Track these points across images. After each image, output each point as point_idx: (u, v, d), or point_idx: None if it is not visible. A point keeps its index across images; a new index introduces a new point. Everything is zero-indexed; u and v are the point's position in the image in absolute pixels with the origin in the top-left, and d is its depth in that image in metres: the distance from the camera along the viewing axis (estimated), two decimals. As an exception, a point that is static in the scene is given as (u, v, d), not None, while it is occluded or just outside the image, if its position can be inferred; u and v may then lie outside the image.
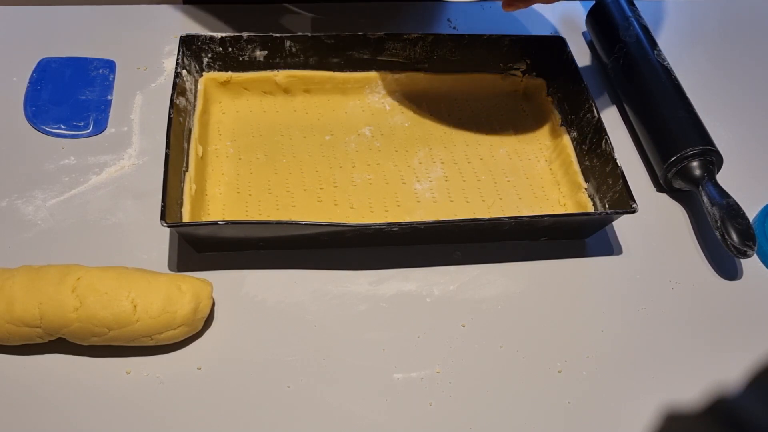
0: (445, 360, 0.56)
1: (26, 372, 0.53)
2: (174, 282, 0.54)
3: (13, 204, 0.63)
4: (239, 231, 0.58)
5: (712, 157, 0.67)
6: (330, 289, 0.60)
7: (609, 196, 0.63)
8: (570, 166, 0.68)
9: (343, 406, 0.53)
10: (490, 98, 0.75)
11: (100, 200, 0.64)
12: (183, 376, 0.54)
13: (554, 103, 0.73)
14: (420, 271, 0.62)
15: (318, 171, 0.67)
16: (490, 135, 0.72)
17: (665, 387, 0.56)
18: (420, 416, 0.53)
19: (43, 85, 0.73)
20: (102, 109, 0.71)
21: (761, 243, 0.65)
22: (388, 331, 0.58)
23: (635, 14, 0.81)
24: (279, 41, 0.71)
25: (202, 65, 0.71)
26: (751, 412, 0.56)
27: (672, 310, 0.61)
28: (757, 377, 0.58)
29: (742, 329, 0.61)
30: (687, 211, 0.69)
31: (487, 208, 0.66)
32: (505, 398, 0.55)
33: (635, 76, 0.75)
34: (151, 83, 0.74)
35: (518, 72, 0.75)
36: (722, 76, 0.84)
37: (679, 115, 0.70)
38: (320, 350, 0.56)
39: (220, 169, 0.66)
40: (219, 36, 0.69)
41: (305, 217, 0.63)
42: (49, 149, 0.67)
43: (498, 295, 0.61)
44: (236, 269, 0.60)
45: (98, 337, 0.52)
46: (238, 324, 0.57)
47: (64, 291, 0.52)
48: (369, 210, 0.65)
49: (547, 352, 0.58)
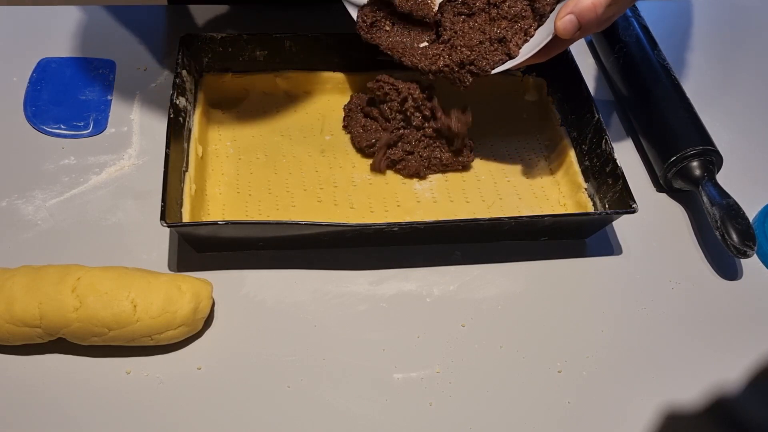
0: (445, 360, 0.56)
1: (26, 372, 0.53)
2: (174, 282, 0.54)
3: (13, 204, 0.63)
4: (239, 231, 0.58)
5: (712, 157, 0.67)
6: (330, 289, 0.60)
7: (609, 196, 0.63)
8: (570, 166, 0.68)
9: (343, 406, 0.53)
10: (490, 98, 0.75)
11: (100, 200, 0.64)
12: (183, 376, 0.54)
13: (554, 103, 0.73)
14: (420, 271, 0.62)
15: (318, 171, 0.67)
16: (490, 135, 0.72)
17: (665, 387, 0.56)
18: (420, 416, 0.53)
19: (43, 85, 0.73)
20: (102, 109, 0.71)
21: (761, 243, 0.65)
22: (388, 331, 0.58)
23: (635, 14, 0.81)
24: (279, 41, 0.71)
25: (202, 65, 0.71)
26: (751, 412, 0.56)
27: (672, 310, 0.61)
28: (757, 377, 0.58)
29: (742, 329, 0.61)
30: (687, 211, 0.69)
31: (487, 208, 0.66)
32: (505, 398, 0.55)
33: (635, 76, 0.75)
34: (151, 83, 0.74)
35: (518, 72, 0.75)
36: (722, 76, 0.84)
37: (679, 115, 0.70)
38: (320, 350, 0.56)
39: (220, 169, 0.66)
40: (219, 36, 0.70)
41: (305, 217, 0.63)
42: (49, 149, 0.67)
43: (498, 295, 0.61)
44: (236, 269, 0.60)
45: (98, 337, 0.52)
46: (238, 324, 0.57)
47: (64, 291, 0.52)
48: (369, 210, 0.65)
49: (547, 352, 0.58)
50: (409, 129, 0.67)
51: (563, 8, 0.55)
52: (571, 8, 0.55)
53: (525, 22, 0.63)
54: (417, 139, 0.67)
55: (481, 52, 0.62)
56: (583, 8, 0.54)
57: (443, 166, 0.67)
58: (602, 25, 0.57)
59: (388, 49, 0.65)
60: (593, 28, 0.56)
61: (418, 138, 0.67)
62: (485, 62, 0.62)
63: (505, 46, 0.62)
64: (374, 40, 0.65)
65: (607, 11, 0.55)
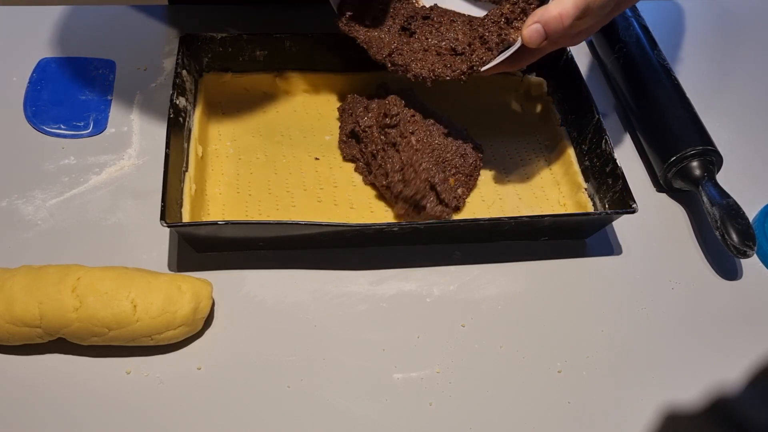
0: (445, 360, 0.56)
1: (26, 372, 0.53)
2: (174, 282, 0.54)
3: (13, 204, 0.63)
4: (239, 231, 0.58)
5: (712, 157, 0.67)
6: (330, 289, 0.60)
7: (609, 196, 0.63)
8: (570, 166, 0.68)
9: (343, 406, 0.53)
10: (490, 98, 0.75)
11: (100, 200, 0.64)
12: (183, 376, 0.54)
13: (554, 103, 0.73)
14: (420, 271, 0.62)
15: (318, 171, 0.67)
16: (490, 135, 0.72)
17: (665, 387, 0.56)
18: (420, 416, 0.53)
19: (43, 85, 0.73)
20: (102, 109, 0.71)
21: (761, 243, 0.65)
22: (388, 331, 0.58)
23: (635, 14, 0.81)
24: (279, 41, 0.71)
25: (202, 65, 0.71)
26: (751, 412, 0.56)
27: (672, 310, 0.61)
28: (757, 377, 0.58)
29: (742, 329, 0.61)
30: (687, 211, 0.69)
31: (487, 208, 0.66)
32: (505, 398, 0.55)
33: (635, 76, 0.75)
34: (151, 83, 0.74)
35: (518, 72, 0.75)
36: (722, 76, 0.84)
37: (679, 115, 0.70)
38: (320, 350, 0.56)
39: (220, 169, 0.66)
40: (219, 36, 0.70)
41: (305, 217, 0.63)
42: (49, 149, 0.67)
43: (498, 295, 0.61)
44: (236, 269, 0.60)
45: (98, 337, 0.52)
46: (238, 324, 0.57)
47: (64, 291, 0.52)
48: (369, 210, 0.65)
49: (547, 352, 0.58)
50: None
51: (531, 16, 0.54)
52: (538, 17, 0.53)
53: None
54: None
55: (443, 61, 0.62)
56: (550, 18, 0.52)
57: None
58: (575, 39, 0.56)
59: (364, 44, 0.64)
60: (564, 40, 0.55)
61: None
62: (447, 70, 0.61)
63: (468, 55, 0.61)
64: (351, 33, 0.65)
65: (578, 24, 0.53)
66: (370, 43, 0.64)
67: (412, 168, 0.61)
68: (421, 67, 0.62)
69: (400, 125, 0.64)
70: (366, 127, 0.66)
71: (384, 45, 0.64)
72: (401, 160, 0.62)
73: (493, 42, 0.60)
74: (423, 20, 0.65)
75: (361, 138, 0.66)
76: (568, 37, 0.55)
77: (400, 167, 0.62)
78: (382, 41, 0.64)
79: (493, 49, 0.60)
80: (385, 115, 0.64)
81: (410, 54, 0.63)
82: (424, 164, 0.62)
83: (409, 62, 0.63)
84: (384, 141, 0.64)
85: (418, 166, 0.61)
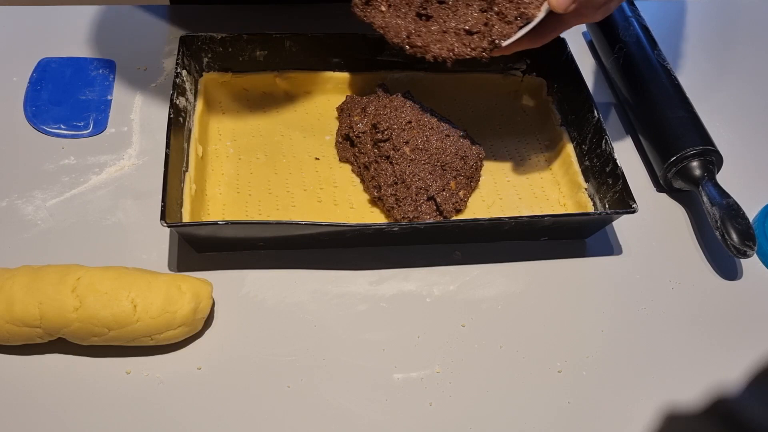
0: (445, 360, 0.56)
1: (26, 372, 0.53)
2: (174, 282, 0.54)
3: (13, 204, 0.63)
4: (239, 231, 0.58)
5: (712, 157, 0.67)
6: (330, 289, 0.60)
7: (609, 196, 0.63)
8: (570, 166, 0.68)
9: (343, 406, 0.53)
10: (490, 98, 0.75)
11: (100, 200, 0.64)
12: (183, 376, 0.54)
13: (554, 103, 0.73)
14: (420, 271, 0.62)
15: (318, 171, 0.67)
16: (490, 135, 0.72)
17: (665, 387, 0.56)
18: (420, 416, 0.53)
19: (43, 85, 0.73)
20: (102, 109, 0.71)
21: (761, 243, 0.65)
22: (388, 331, 0.58)
23: (635, 14, 0.81)
24: (279, 41, 0.71)
25: (202, 65, 0.71)
26: (751, 412, 0.56)
27: (672, 310, 0.61)
28: (757, 377, 0.58)
29: (742, 329, 0.61)
30: (687, 211, 0.69)
31: (487, 208, 0.66)
32: (505, 398, 0.55)
33: (635, 76, 0.75)
34: (151, 83, 0.74)
35: (518, 72, 0.75)
36: (722, 76, 0.84)
37: (679, 115, 0.70)
38: (320, 350, 0.56)
39: (220, 169, 0.66)
40: (219, 36, 0.70)
41: (305, 217, 0.63)
42: (49, 149, 0.67)
43: (498, 295, 0.61)
44: (236, 269, 0.60)
45: (98, 337, 0.52)
46: (238, 324, 0.57)
47: (64, 291, 0.52)
48: (369, 210, 0.65)
49: (547, 352, 0.58)
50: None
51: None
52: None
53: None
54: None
55: (462, 41, 0.61)
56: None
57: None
58: (601, 9, 0.55)
59: (381, 29, 0.64)
60: (590, 11, 0.54)
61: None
62: (467, 49, 0.60)
63: (488, 32, 0.60)
64: (367, 18, 0.64)
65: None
66: (387, 28, 0.63)
67: (404, 185, 0.62)
68: (440, 47, 0.61)
69: (393, 138, 0.63)
70: (360, 132, 0.66)
71: (401, 28, 0.63)
72: (394, 174, 0.62)
73: (511, 15, 0.59)
74: (439, 4, 0.64)
75: (355, 143, 0.66)
76: (594, 6, 0.54)
77: (393, 181, 0.63)
78: (400, 25, 0.63)
79: (512, 22, 0.59)
80: (375, 128, 0.64)
81: (429, 35, 0.62)
82: (420, 174, 0.62)
83: (428, 43, 0.61)
84: (377, 154, 0.64)
85: (411, 181, 0.62)
